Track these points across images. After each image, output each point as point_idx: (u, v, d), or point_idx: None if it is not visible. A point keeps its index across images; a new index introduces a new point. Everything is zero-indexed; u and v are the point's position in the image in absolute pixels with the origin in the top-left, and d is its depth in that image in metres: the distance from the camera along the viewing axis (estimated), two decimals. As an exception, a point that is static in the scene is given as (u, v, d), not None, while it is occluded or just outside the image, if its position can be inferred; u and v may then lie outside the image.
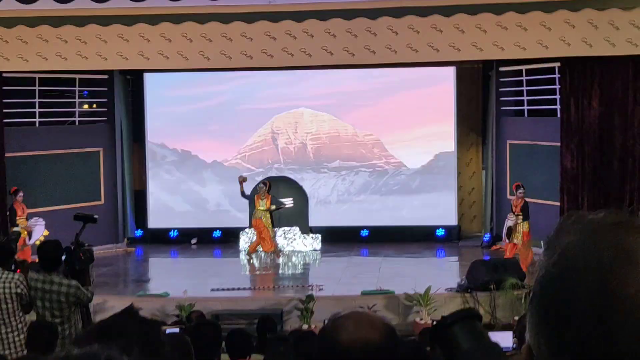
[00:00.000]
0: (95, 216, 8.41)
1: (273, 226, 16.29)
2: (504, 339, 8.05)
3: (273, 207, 16.18)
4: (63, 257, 7.62)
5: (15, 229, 9.73)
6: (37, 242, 13.97)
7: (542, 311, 1.22)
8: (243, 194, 16.28)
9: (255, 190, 16.26)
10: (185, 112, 18.12)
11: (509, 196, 16.96)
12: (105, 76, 17.25)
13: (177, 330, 7.84)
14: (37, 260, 9.71)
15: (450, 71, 17.53)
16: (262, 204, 16.04)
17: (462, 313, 1.79)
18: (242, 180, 16.24)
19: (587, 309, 1.16)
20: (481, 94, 18.14)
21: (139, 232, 18.32)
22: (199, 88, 18.11)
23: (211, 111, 18.12)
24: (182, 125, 18.17)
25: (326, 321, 2.27)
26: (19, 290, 7.53)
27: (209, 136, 18.15)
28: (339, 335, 2.13)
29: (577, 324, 1.17)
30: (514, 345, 7.54)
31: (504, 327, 10.21)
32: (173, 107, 18.15)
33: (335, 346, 2.11)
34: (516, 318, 11.90)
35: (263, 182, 16.30)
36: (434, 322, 11.12)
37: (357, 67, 16.92)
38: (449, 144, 17.77)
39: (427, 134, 17.75)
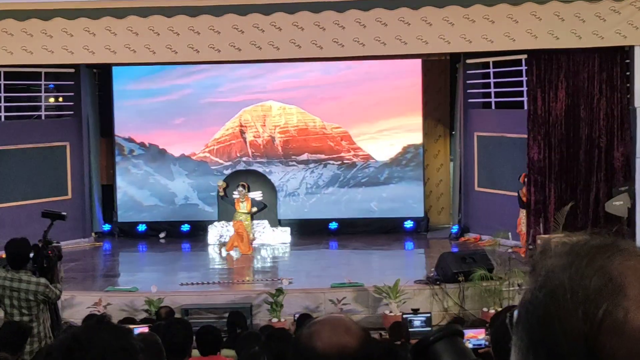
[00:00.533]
0: (64, 213, 8.32)
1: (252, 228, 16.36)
2: (476, 336, 8.07)
3: (255, 209, 16.20)
4: (31, 255, 7.53)
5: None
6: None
7: (528, 336, 1.20)
8: (224, 198, 16.35)
9: (232, 193, 16.29)
10: (153, 105, 18.00)
11: (476, 188, 17.04)
12: (72, 70, 17.07)
13: (146, 329, 7.77)
14: (2, 256, 9.59)
15: (417, 63, 17.57)
16: (243, 207, 16.07)
17: (444, 331, 1.77)
18: (223, 186, 16.34)
19: (575, 336, 1.15)
20: (448, 86, 18.19)
21: (107, 227, 18.19)
22: (167, 81, 18.00)
23: (179, 104, 18.01)
24: (150, 119, 18.05)
25: (296, 316, 2.24)
26: (-15, 289, 7.42)
27: (177, 130, 18.05)
28: (314, 342, 2.10)
29: (564, 351, 1.15)
30: (486, 343, 7.56)
31: (475, 322, 10.23)
32: (141, 100, 18.02)
33: (311, 352, 2.09)
34: (485, 309, 11.99)
35: (242, 184, 16.25)
36: (403, 315, 11.16)
37: (325, 60, 16.91)
38: (417, 136, 17.82)
39: (395, 127, 17.79)
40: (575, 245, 1.22)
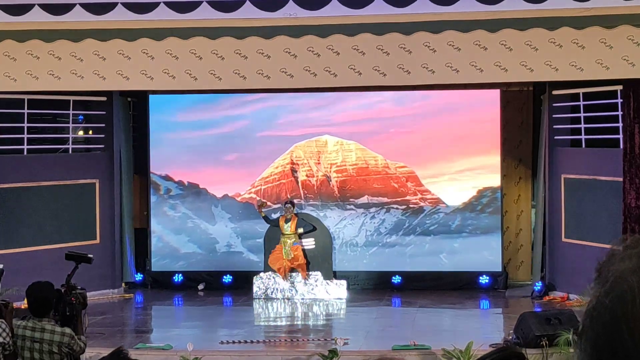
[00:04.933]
0: (90, 255, 8.45)
1: (305, 256, 16.68)
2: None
3: (300, 230, 16.42)
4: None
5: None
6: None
7: (592, 346, 1.22)
8: (266, 219, 16.64)
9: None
10: (194, 139, 18.22)
11: (563, 239, 16.87)
12: (104, 98, 17.39)
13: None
14: (22, 306, 9.75)
15: (496, 94, 17.54)
16: (287, 227, 16.27)
17: (503, 352, 1.78)
18: (260, 204, 16.63)
19: None
20: (531, 121, 18.11)
21: (139, 276, 18.36)
22: (209, 112, 18.23)
23: (223, 139, 18.21)
24: (190, 155, 18.26)
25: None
26: (0, 339, 7.52)
27: (220, 167, 18.23)
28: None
29: (632, 358, 1.17)
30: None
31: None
32: (180, 134, 18.26)
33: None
34: (572, 379, 11.83)
35: (291, 201, 16.61)
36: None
37: (389, 90, 16.99)
38: (494, 178, 17.74)
39: (469, 167, 17.74)
40: None
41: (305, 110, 18.16)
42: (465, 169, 17.80)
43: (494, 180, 17.78)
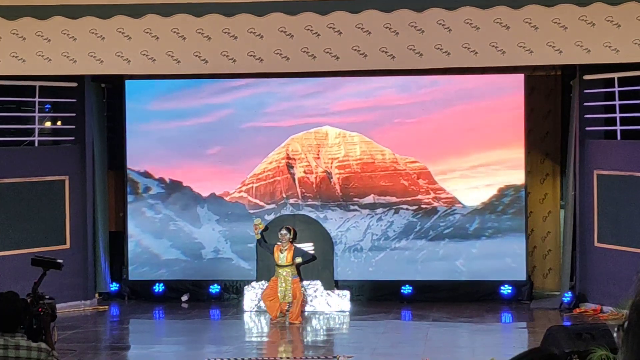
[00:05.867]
0: (59, 261, 8.42)
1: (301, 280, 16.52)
2: None
3: (298, 259, 16.27)
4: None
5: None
6: None
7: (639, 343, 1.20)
8: (261, 242, 16.55)
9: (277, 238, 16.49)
10: (176, 131, 18.19)
11: (596, 243, 16.85)
12: (74, 84, 17.34)
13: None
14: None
15: (519, 80, 17.52)
16: (282, 258, 16.13)
17: (536, 354, 1.79)
18: (260, 227, 16.48)
19: None
20: (560, 109, 18.09)
21: (114, 286, 18.34)
22: (195, 100, 18.19)
23: (209, 130, 18.18)
24: (172, 149, 18.23)
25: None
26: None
27: (206, 162, 18.20)
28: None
29: None
30: None
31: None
32: (160, 124, 18.22)
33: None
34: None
35: (287, 227, 16.37)
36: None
37: (399, 74, 16.96)
38: (517, 174, 17.72)
39: (489, 162, 17.73)
40: None
41: (297, 98, 18.11)
42: (484, 164, 17.77)
43: (517, 177, 17.75)
